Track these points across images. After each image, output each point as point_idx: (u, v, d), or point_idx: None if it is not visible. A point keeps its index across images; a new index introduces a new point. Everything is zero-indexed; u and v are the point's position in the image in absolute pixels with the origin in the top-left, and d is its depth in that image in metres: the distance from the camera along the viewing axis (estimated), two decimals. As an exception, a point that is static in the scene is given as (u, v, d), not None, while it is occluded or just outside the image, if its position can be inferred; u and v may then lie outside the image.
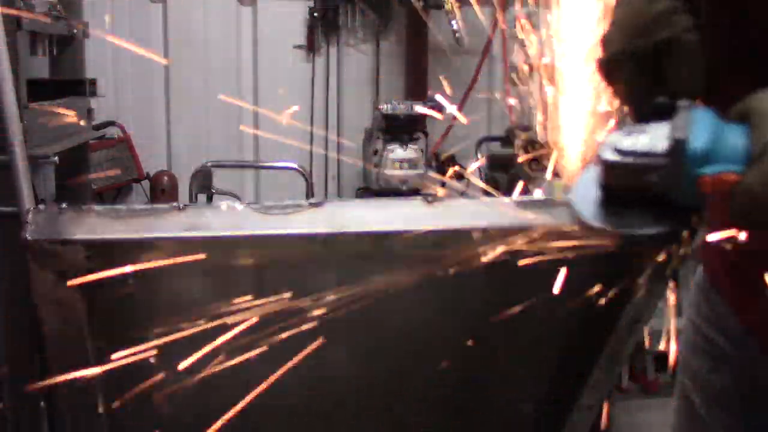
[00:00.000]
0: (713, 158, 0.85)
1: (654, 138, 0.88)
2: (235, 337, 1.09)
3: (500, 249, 0.98)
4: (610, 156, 0.90)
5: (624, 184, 0.90)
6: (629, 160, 0.89)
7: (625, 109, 1.03)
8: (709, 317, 1.22)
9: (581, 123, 1.13)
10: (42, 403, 2.70)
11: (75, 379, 0.98)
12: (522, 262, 1.09)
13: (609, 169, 0.91)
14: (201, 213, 0.86)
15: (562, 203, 0.98)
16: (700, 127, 0.86)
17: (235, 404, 1.19)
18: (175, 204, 0.85)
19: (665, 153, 0.86)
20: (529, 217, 0.95)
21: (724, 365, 1.19)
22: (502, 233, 0.95)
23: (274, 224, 0.87)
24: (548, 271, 1.12)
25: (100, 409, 1.03)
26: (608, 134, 0.94)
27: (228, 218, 0.86)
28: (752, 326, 1.12)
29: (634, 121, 0.96)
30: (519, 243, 0.97)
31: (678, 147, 0.85)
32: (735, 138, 0.85)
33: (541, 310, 1.17)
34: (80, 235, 0.81)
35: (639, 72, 0.99)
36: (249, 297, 1.02)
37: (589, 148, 1.13)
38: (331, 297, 1.08)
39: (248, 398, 1.18)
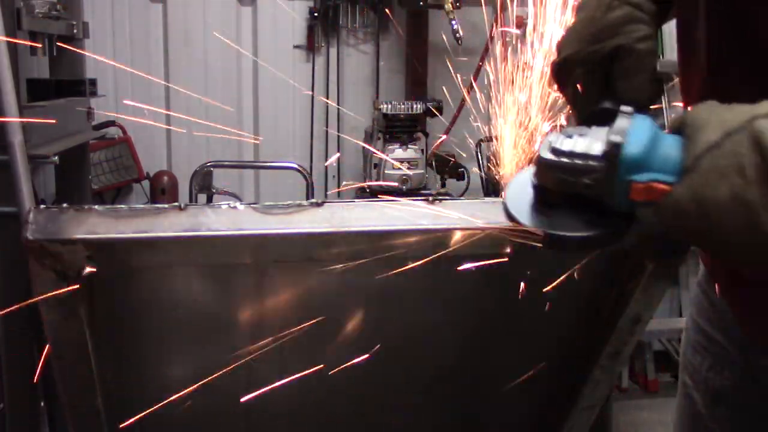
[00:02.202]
0: (647, 166, 0.84)
1: (592, 141, 0.88)
2: (235, 338, 1.09)
3: (499, 249, 0.98)
4: (547, 155, 0.91)
5: (557, 184, 0.90)
6: (564, 160, 0.89)
7: (571, 113, 1.04)
8: (710, 316, 1.22)
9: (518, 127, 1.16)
10: (42, 403, 2.70)
11: (75, 380, 0.98)
12: (521, 262, 1.09)
13: (544, 168, 0.91)
14: (202, 212, 0.85)
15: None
16: (637, 133, 0.86)
17: (235, 405, 1.19)
18: (175, 204, 0.85)
19: (600, 156, 0.86)
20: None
21: (726, 364, 1.19)
22: (502, 234, 0.95)
23: (274, 224, 0.87)
24: (548, 271, 1.12)
25: (101, 409, 1.03)
26: (549, 134, 0.94)
27: (229, 218, 0.86)
28: (745, 319, 1.12)
29: (577, 125, 0.96)
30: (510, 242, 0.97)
31: (613, 151, 0.85)
32: (671, 148, 0.84)
33: (541, 310, 1.17)
34: (81, 234, 0.81)
35: (589, 77, 1.01)
36: (250, 296, 1.02)
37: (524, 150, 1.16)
38: (331, 297, 1.08)
39: (248, 398, 1.18)
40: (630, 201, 0.86)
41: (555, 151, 0.90)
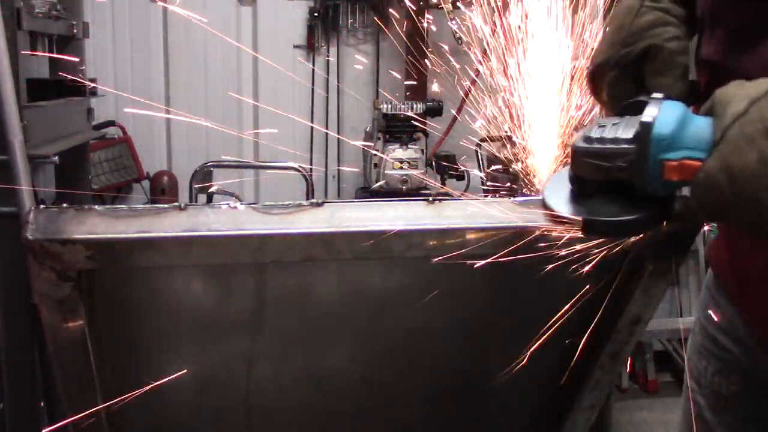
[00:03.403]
0: (678, 144, 0.86)
1: (624, 127, 0.90)
2: (235, 337, 1.09)
3: (499, 249, 0.98)
4: (580, 143, 0.92)
5: (592, 171, 0.91)
6: (597, 146, 0.90)
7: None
8: (717, 320, 1.21)
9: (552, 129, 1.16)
10: (42, 403, 2.70)
11: (75, 379, 0.98)
12: (522, 262, 1.09)
13: (577, 156, 0.93)
14: (202, 213, 0.85)
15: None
16: (667, 114, 0.87)
17: (234, 404, 1.19)
18: (176, 204, 0.85)
19: (632, 138, 0.88)
20: (528, 216, 0.95)
21: (733, 370, 1.18)
22: (502, 233, 0.95)
23: (275, 224, 0.87)
24: (547, 271, 1.12)
25: (100, 409, 1.03)
26: (582, 128, 0.95)
27: (229, 218, 0.86)
28: (753, 320, 1.12)
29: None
30: (518, 242, 0.98)
31: (644, 131, 0.86)
32: (701, 127, 0.86)
33: (542, 310, 1.17)
34: (81, 234, 0.81)
35: (622, 80, 1.02)
36: (249, 296, 1.02)
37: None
38: (331, 296, 1.08)
39: (248, 398, 1.18)
40: (664, 182, 0.86)
41: (588, 139, 0.91)
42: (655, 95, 0.91)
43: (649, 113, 0.87)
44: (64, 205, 0.81)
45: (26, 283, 0.82)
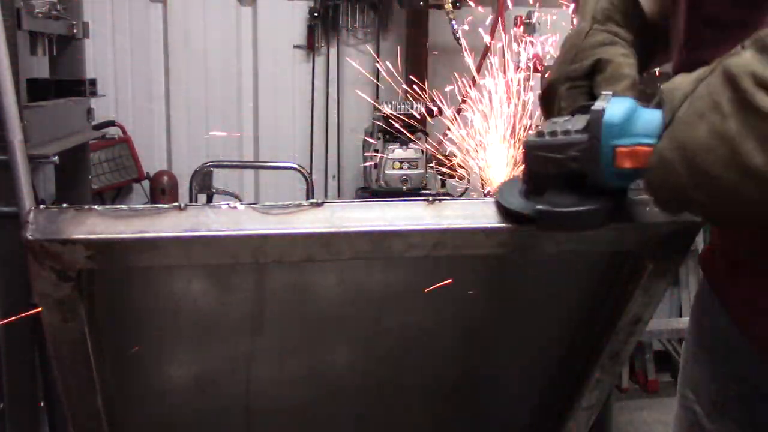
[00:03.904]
0: (629, 132, 0.87)
1: (575, 122, 0.91)
2: (235, 338, 1.09)
3: (499, 249, 0.98)
4: (532, 138, 0.93)
5: (545, 164, 0.92)
6: (549, 139, 0.91)
7: None
8: (711, 328, 1.21)
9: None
10: (42, 403, 2.70)
11: (75, 379, 0.98)
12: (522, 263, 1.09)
13: (530, 150, 0.93)
14: (202, 213, 0.85)
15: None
16: (617, 104, 0.88)
17: (235, 404, 1.19)
18: (175, 204, 0.85)
19: (583, 128, 0.89)
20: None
21: (729, 376, 1.17)
22: (502, 234, 0.95)
23: (274, 224, 0.87)
24: (547, 271, 1.12)
25: (100, 409, 1.03)
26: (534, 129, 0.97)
27: (229, 218, 0.86)
28: (744, 320, 1.11)
29: None
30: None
31: (595, 118, 0.87)
32: (651, 117, 0.87)
33: (542, 310, 1.17)
34: (80, 234, 0.81)
35: (574, 92, 1.04)
36: (249, 296, 1.02)
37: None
38: (330, 296, 1.08)
39: (248, 398, 1.18)
40: (617, 171, 0.87)
41: (540, 134, 0.92)
42: (604, 92, 0.92)
43: (599, 104, 0.88)
44: (64, 205, 0.81)
45: (26, 283, 0.82)
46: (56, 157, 2.65)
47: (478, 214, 0.94)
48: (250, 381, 1.15)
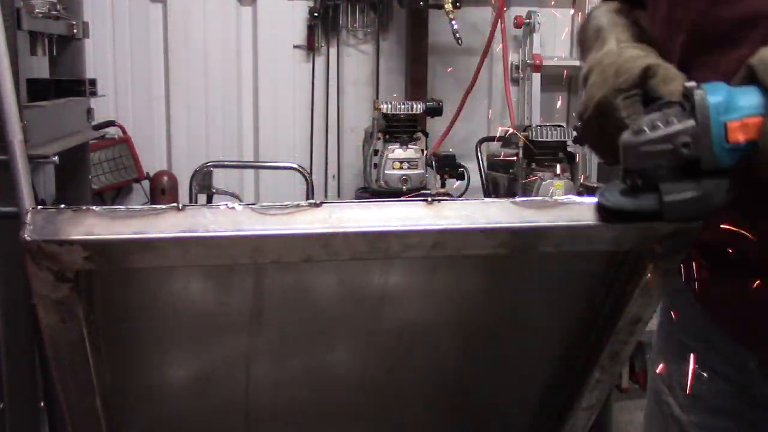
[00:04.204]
0: (734, 107, 0.87)
1: (669, 116, 0.90)
2: (233, 339, 1.09)
3: (498, 249, 0.98)
4: (631, 138, 0.91)
5: (652, 159, 0.90)
6: (652, 133, 0.90)
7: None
8: (679, 320, 1.24)
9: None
10: (42, 403, 2.70)
11: (73, 380, 0.98)
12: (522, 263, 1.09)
13: (631, 149, 0.91)
14: (200, 213, 0.85)
15: (560, 203, 0.97)
16: (713, 86, 0.88)
17: (234, 405, 1.19)
18: (174, 204, 0.85)
19: (687, 113, 0.88)
20: (528, 217, 0.95)
21: (700, 369, 1.20)
22: (501, 234, 0.95)
23: (273, 225, 0.87)
24: (547, 272, 1.12)
25: (99, 409, 1.03)
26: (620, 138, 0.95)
27: (227, 219, 0.86)
28: (725, 318, 1.13)
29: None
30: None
31: (700, 100, 0.87)
32: (748, 92, 0.87)
33: (541, 310, 1.17)
34: (79, 235, 0.81)
35: (630, 100, 1.01)
36: (248, 297, 1.02)
37: None
38: (329, 297, 1.08)
39: (247, 399, 1.18)
40: (730, 146, 0.87)
41: (637, 132, 0.91)
42: (687, 84, 0.91)
43: (694, 87, 0.88)
44: (62, 205, 0.81)
45: (26, 283, 0.82)
46: (56, 157, 2.65)
47: (477, 215, 0.93)
48: (249, 381, 1.15)
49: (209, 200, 4.13)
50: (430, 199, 0.93)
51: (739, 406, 1.19)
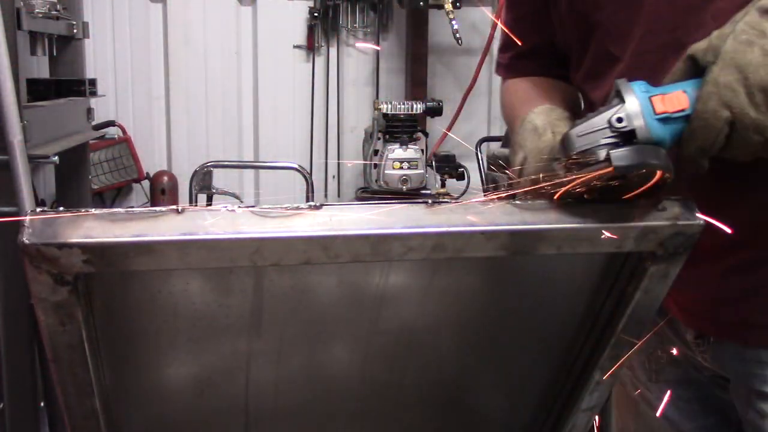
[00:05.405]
0: (657, 89, 0.94)
1: (597, 112, 0.95)
2: (233, 341, 1.09)
3: (499, 251, 0.97)
4: (572, 129, 0.96)
5: (594, 134, 0.94)
6: (584, 120, 0.95)
7: None
8: None
9: None
10: (42, 403, 2.70)
11: (72, 382, 0.98)
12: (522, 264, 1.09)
13: (575, 136, 0.95)
14: (199, 216, 0.85)
15: (561, 205, 0.97)
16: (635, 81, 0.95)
17: (234, 406, 1.19)
18: (173, 207, 0.84)
19: (613, 98, 0.94)
20: (529, 219, 0.95)
21: (657, 345, 1.32)
22: (502, 236, 0.95)
23: (273, 227, 0.86)
24: (547, 273, 1.12)
25: (98, 411, 1.03)
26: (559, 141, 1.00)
27: (227, 221, 0.85)
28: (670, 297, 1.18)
29: None
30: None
31: (624, 83, 0.94)
32: (671, 80, 0.95)
33: (541, 312, 1.17)
34: (77, 238, 0.80)
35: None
36: (248, 300, 1.02)
37: None
38: (329, 299, 1.07)
39: (247, 401, 1.18)
40: (660, 117, 0.92)
41: (574, 125, 0.96)
42: (618, 81, 0.96)
43: (619, 80, 0.95)
44: (61, 208, 0.81)
45: (26, 282, 0.82)
46: (56, 157, 2.65)
47: (477, 216, 0.93)
48: (248, 383, 1.15)
49: (209, 200, 4.13)
50: (430, 201, 0.92)
51: (691, 373, 1.31)
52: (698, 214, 0.98)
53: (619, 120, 0.92)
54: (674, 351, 1.32)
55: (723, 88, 0.89)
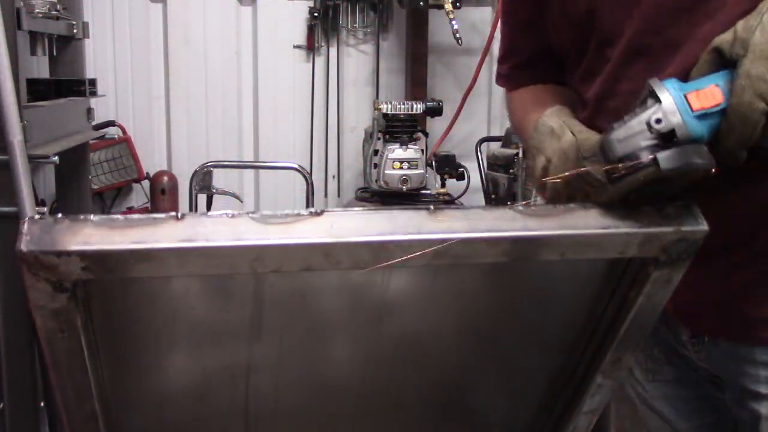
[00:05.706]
0: (689, 86, 0.93)
1: (632, 114, 0.94)
2: (234, 346, 1.08)
3: (501, 257, 0.97)
4: (610, 133, 0.95)
5: (634, 137, 0.94)
6: (621, 124, 0.94)
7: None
8: None
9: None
10: (42, 403, 2.70)
11: (72, 387, 0.97)
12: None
13: (615, 140, 0.94)
14: (199, 222, 0.84)
15: (564, 210, 0.97)
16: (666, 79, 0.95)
17: (233, 412, 1.18)
18: (172, 213, 0.84)
19: (644, 100, 0.94)
20: (532, 225, 0.94)
21: (655, 345, 1.33)
22: (504, 243, 0.94)
23: (273, 234, 0.86)
24: (550, 278, 1.11)
25: (98, 415, 1.03)
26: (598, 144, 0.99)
27: (227, 228, 0.85)
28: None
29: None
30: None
31: (657, 83, 0.93)
32: (697, 74, 0.95)
33: (544, 317, 1.17)
34: (76, 246, 0.80)
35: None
36: (248, 307, 1.01)
37: None
38: (330, 306, 1.07)
39: (247, 406, 1.17)
40: (698, 114, 0.91)
41: (611, 129, 0.95)
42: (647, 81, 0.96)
43: (650, 80, 0.94)
44: (59, 215, 0.80)
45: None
46: (56, 157, 2.64)
47: (480, 223, 0.93)
48: (248, 388, 1.14)
49: (209, 200, 4.12)
50: (432, 207, 0.92)
51: (685, 373, 1.32)
52: (702, 220, 0.98)
53: (658, 121, 0.92)
54: (670, 350, 1.32)
55: (756, 80, 0.89)
